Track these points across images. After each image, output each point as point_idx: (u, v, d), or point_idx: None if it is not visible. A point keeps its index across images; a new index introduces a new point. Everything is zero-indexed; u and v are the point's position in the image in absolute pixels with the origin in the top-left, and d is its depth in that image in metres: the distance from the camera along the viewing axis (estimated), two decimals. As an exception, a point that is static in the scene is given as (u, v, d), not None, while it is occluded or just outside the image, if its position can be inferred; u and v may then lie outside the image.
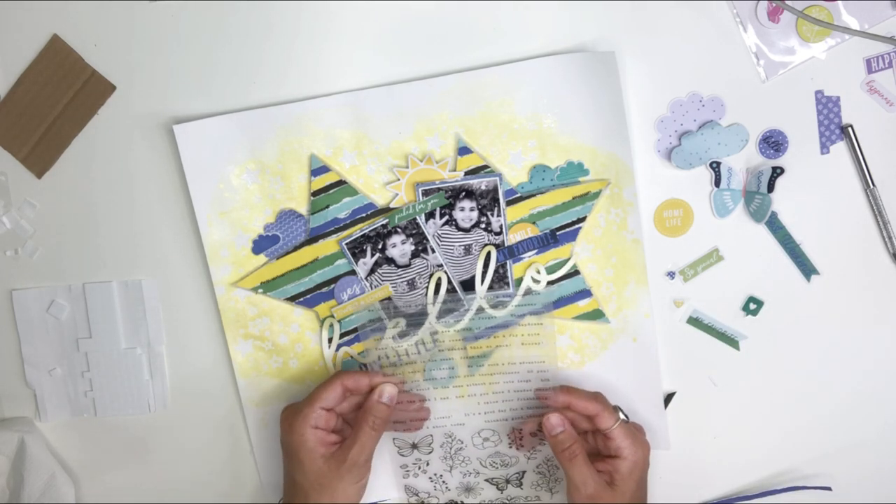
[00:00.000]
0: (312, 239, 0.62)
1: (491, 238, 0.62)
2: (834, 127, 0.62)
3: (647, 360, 0.64)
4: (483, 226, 0.62)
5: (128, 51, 0.61)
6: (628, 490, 0.58)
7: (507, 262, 0.63)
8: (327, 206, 0.62)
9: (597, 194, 0.62)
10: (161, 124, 0.61)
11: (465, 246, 0.62)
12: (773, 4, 0.61)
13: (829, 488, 0.65)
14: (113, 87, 0.61)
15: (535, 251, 0.63)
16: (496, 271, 0.62)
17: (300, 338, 0.63)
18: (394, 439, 0.64)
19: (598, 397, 0.60)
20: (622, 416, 0.60)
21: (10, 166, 0.62)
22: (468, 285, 0.63)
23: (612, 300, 0.63)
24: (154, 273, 0.63)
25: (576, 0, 0.60)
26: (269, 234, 0.62)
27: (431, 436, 0.63)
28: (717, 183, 0.62)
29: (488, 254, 0.62)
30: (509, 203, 0.62)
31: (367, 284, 0.63)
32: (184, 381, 0.65)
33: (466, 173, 0.61)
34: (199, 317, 0.64)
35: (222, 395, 0.65)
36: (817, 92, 0.62)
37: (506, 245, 0.62)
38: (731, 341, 0.64)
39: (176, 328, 0.64)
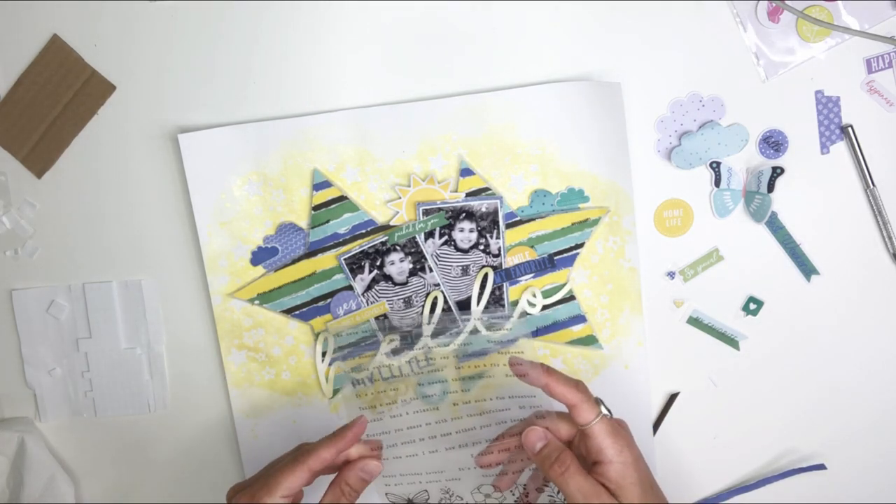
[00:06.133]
0: (311, 253, 0.62)
1: (489, 260, 0.62)
2: (834, 127, 0.62)
3: (638, 388, 0.64)
4: (482, 247, 0.62)
5: (128, 51, 0.61)
6: (634, 497, 0.51)
7: (504, 284, 0.63)
8: (328, 221, 0.62)
9: (596, 221, 0.62)
10: (161, 125, 0.61)
11: (462, 266, 0.62)
12: (773, 4, 0.61)
13: (823, 466, 0.65)
14: (113, 87, 0.61)
15: (532, 275, 0.63)
16: (492, 293, 0.62)
17: (294, 350, 0.63)
18: (387, 494, 0.60)
19: (578, 386, 0.53)
20: (604, 411, 0.54)
21: (10, 166, 0.62)
22: (464, 306, 0.63)
23: (607, 327, 0.63)
24: (154, 274, 0.63)
25: (582, 20, 0.61)
26: (269, 245, 0.62)
27: (427, 491, 0.60)
28: (717, 183, 0.63)
29: (485, 275, 0.62)
30: (509, 226, 0.62)
31: (364, 300, 0.63)
32: (184, 381, 0.65)
33: (468, 195, 0.62)
34: (197, 322, 0.64)
35: (221, 396, 0.65)
36: (817, 92, 0.62)
37: (503, 267, 0.62)
38: (731, 341, 0.64)
39: (175, 330, 0.64)
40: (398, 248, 0.62)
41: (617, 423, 0.54)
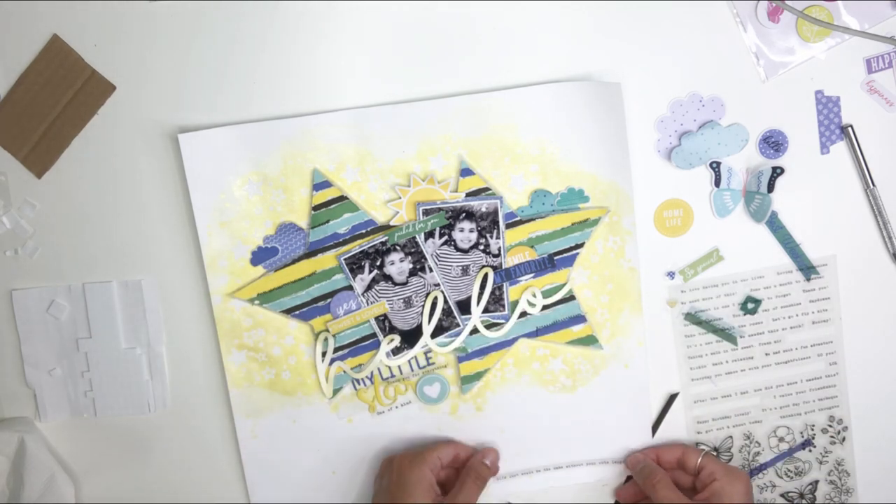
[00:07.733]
0: (311, 253, 0.62)
1: (489, 260, 0.62)
2: (834, 127, 0.62)
3: (638, 387, 0.64)
4: (482, 247, 0.62)
5: (128, 51, 0.61)
6: None
7: (504, 284, 0.63)
8: (328, 221, 0.62)
9: (596, 221, 0.62)
10: (161, 124, 0.61)
11: (462, 266, 0.62)
12: (773, 4, 0.61)
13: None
14: (113, 87, 0.61)
15: (532, 275, 0.63)
16: (492, 293, 0.62)
17: (294, 350, 0.63)
18: (697, 444, 0.65)
19: (677, 444, 0.64)
20: (706, 448, 0.63)
21: (10, 166, 0.62)
22: (464, 305, 0.63)
23: (606, 327, 0.63)
24: (154, 274, 0.63)
25: (582, 20, 0.61)
26: (269, 245, 0.62)
27: (732, 437, 0.65)
28: (717, 183, 0.63)
29: (485, 275, 0.62)
30: (509, 226, 0.62)
31: (364, 300, 0.63)
32: (184, 381, 0.65)
33: (468, 195, 0.62)
34: (197, 322, 0.64)
35: (221, 396, 0.65)
36: (817, 92, 0.62)
37: (503, 267, 0.62)
38: (731, 339, 0.64)
39: (175, 330, 0.64)
40: (398, 248, 0.62)
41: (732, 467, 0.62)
